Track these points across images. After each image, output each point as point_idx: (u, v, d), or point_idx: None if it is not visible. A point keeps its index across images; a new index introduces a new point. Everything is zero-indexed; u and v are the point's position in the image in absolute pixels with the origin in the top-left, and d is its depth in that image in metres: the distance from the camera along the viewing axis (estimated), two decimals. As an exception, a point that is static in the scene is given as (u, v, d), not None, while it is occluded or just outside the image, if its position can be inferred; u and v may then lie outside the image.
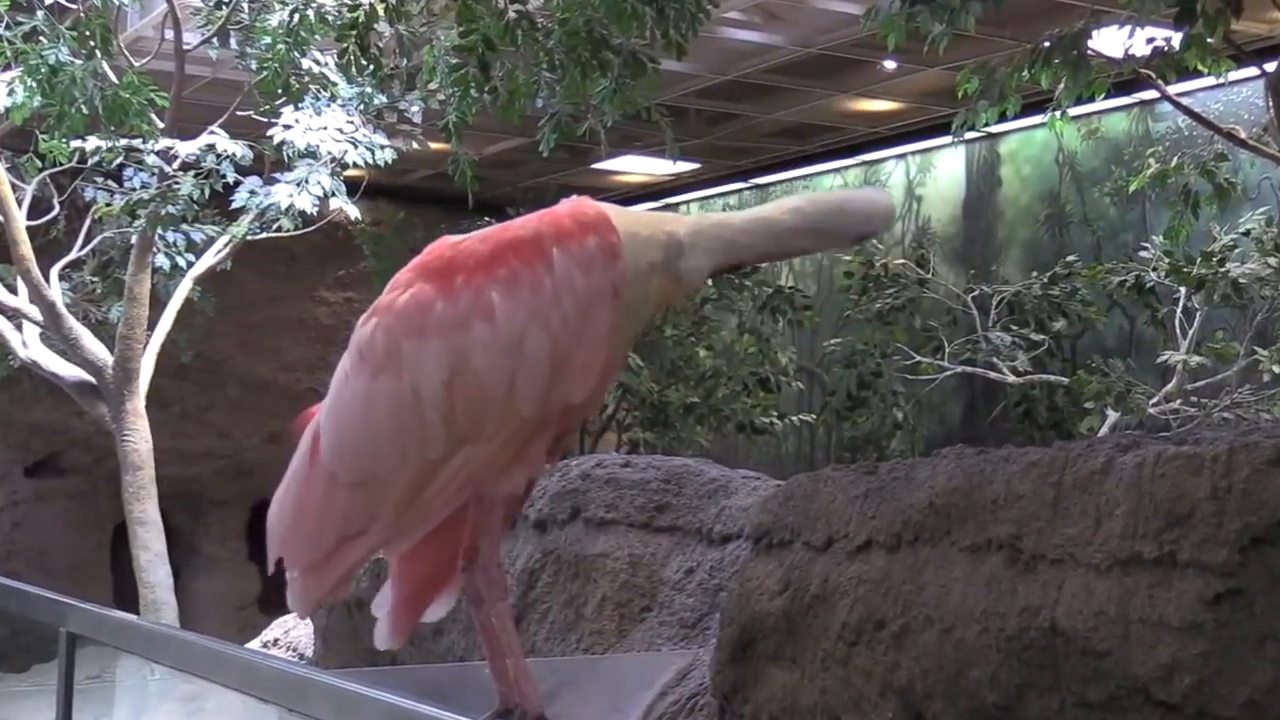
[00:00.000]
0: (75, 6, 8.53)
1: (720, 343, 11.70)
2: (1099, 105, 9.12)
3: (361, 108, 8.88)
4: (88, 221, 10.50)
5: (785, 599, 3.65)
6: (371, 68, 7.03)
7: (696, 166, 13.93)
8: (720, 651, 3.88)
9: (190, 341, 11.71)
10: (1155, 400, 7.97)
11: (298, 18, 8.10)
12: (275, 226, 9.32)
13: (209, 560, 15.02)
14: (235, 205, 8.98)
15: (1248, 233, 7.99)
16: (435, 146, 10.22)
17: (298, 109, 8.71)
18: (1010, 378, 8.75)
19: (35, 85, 8.01)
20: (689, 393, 11.23)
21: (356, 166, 8.96)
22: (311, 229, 9.78)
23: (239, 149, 8.72)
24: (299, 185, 8.70)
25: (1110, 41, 6.35)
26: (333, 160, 8.75)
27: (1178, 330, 8.22)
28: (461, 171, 7.72)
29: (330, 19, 8.01)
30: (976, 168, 12.30)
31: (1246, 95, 9.61)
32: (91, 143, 8.48)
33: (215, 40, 8.70)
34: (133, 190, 9.04)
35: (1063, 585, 2.97)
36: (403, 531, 1.98)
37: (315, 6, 8.10)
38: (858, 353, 9.36)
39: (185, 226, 9.42)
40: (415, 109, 9.03)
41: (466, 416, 1.90)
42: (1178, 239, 7.72)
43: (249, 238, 9.50)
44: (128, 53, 8.83)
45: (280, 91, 8.63)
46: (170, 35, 8.97)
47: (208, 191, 8.92)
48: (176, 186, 8.72)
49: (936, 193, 12.69)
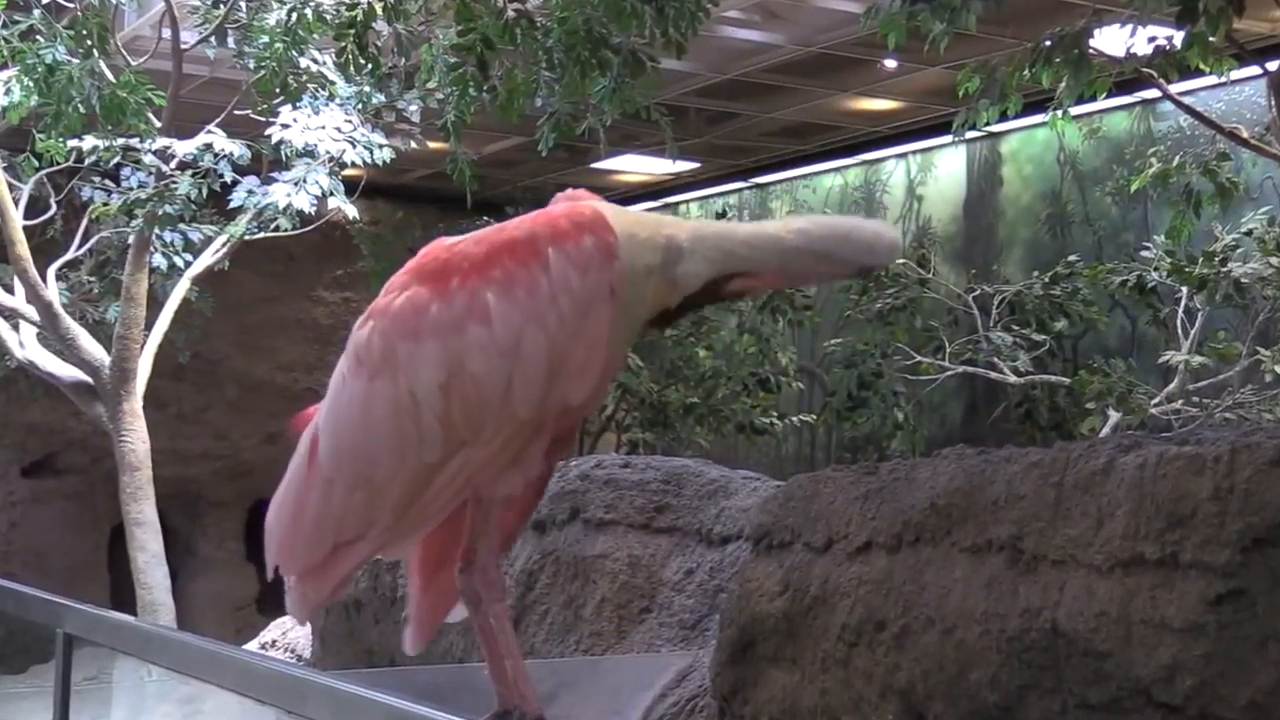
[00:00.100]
0: (72, 5, 8.50)
1: (720, 343, 11.69)
2: (1100, 104, 9.10)
3: (360, 107, 8.87)
4: (85, 221, 10.47)
5: (785, 600, 3.65)
6: (370, 67, 7.02)
7: (696, 166, 13.91)
8: (720, 653, 3.87)
9: (188, 342, 11.69)
10: (1157, 401, 7.96)
11: (296, 16, 8.09)
12: (273, 226, 9.30)
13: (206, 561, 14.99)
14: (233, 205, 8.96)
15: (1250, 232, 7.98)
16: (434, 146, 10.20)
17: (295, 108, 8.69)
18: (1011, 378, 8.74)
19: (32, 84, 7.99)
20: (689, 393, 11.22)
21: (354, 166, 8.95)
22: (309, 228, 9.77)
23: (237, 148, 8.71)
24: (297, 185, 8.69)
25: (1112, 40, 6.34)
26: (331, 159, 8.74)
27: (1179, 330, 8.21)
28: (460, 171, 7.71)
29: (328, 18, 7.99)
30: (977, 167, 12.28)
31: (1249, 94, 9.60)
32: (89, 142, 8.47)
33: (213, 39, 8.67)
34: (130, 190, 9.02)
35: (1064, 586, 2.98)
36: (401, 535, 1.97)
37: (313, 5, 8.09)
38: (858, 353, 9.35)
39: (183, 226, 9.40)
40: (413, 108, 9.02)
41: (464, 419, 1.89)
42: (1179, 239, 7.70)
43: (247, 237, 9.48)
44: (125, 52, 8.80)
45: (278, 90, 8.63)
46: (168, 34, 8.95)
47: (205, 191, 8.91)
48: (174, 186, 8.71)
49: (937, 192, 12.67)
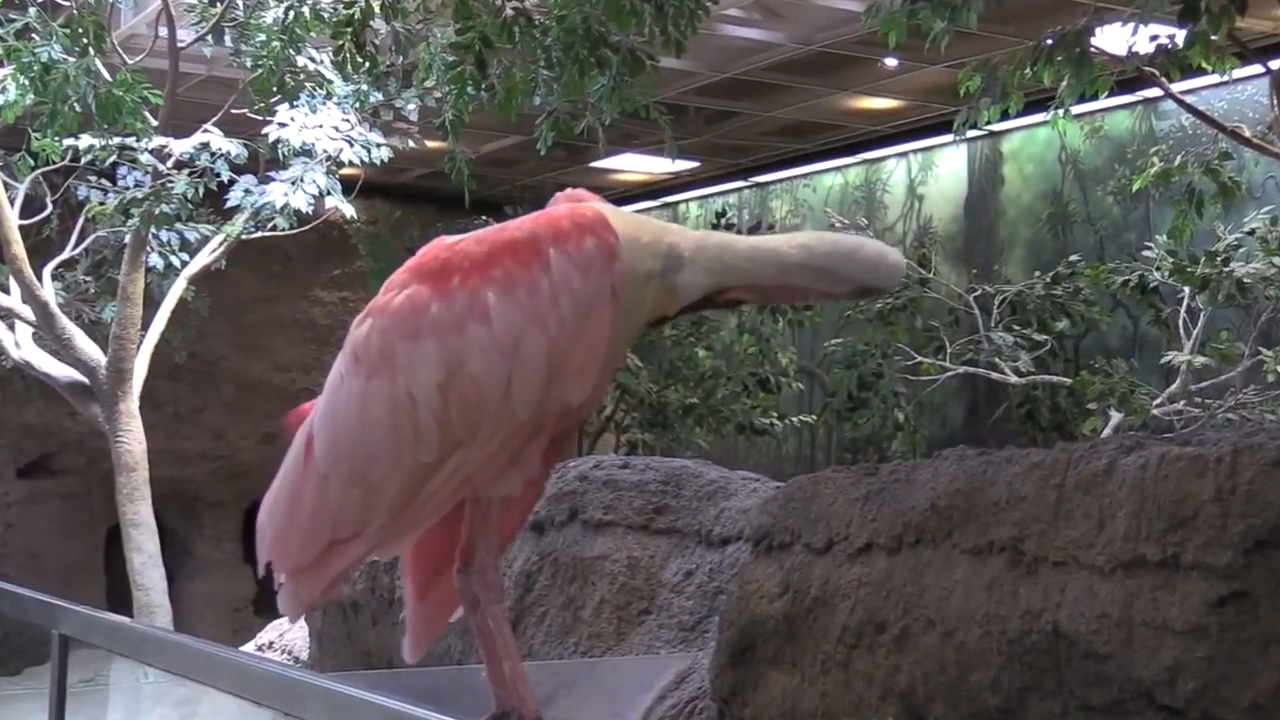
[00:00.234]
0: (68, 3, 8.48)
1: (720, 343, 11.68)
2: (1102, 103, 9.08)
3: (357, 105, 8.85)
4: (81, 220, 10.44)
5: (785, 602, 3.64)
6: (367, 65, 7.00)
7: (696, 165, 13.90)
8: (719, 655, 3.86)
9: (184, 342, 11.65)
10: (1159, 401, 7.94)
11: (293, 14, 8.07)
12: (270, 225, 9.27)
13: (203, 562, 14.97)
14: (230, 204, 8.94)
15: (1252, 232, 7.96)
16: (432, 145, 10.18)
17: (293, 107, 8.67)
18: (1012, 378, 8.71)
19: (28, 83, 7.97)
20: (688, 393, 11.20)
21: (352, 165, 8.93)
22: (307, 228, 9.74)
23: (234, 147, 8.69)
24: (294, 184, 8.67)
25: (1113, 39, 6.32)
26: (328, 158, 8.72)
27: (1181, 331, 8.19)
28: (458, 170, 7.69)
29: (326, 16, 7.97)
30: (978, 166, 12.26)
31: (1251, 93, 9.58)
32: (85, 141, 8.44)
33: (210, 37, 8.65)
34: (126, 189, 9.00)
35: (1065, 588, 2.97)
36: (396, 534, 1.96)
37: (310, 3, 8.07)
38: (858, 353, 9.33)
39: (179, 225, 9.38)
40: (411, 107, 9.00)
41: (461, 419, 1.89)
42: (1181, 238, 7.67)
43: (244, 237, 9.45)
44: (121, 50, 8.78)
45: (275, 89, 8.61)
46: (164, 32, 8.92)
47: (202, 190, 8.89)
48: (170, 185, 8.70)
49: (938, 191, 12.65)
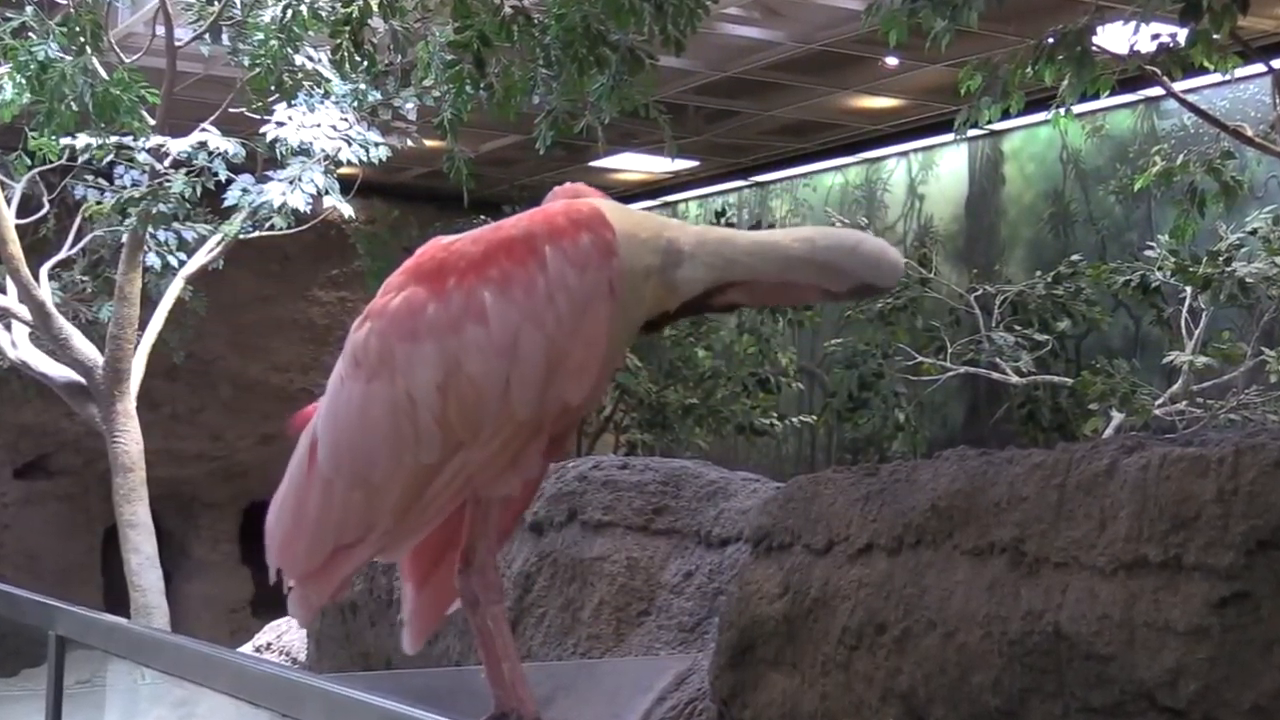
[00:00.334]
0: (65, 2, 8.47)
1: (719, 343, 11.67)
2: (1103, 102, 9.06)
3: (355, 104, 8.84)
4: (78, 220, 10.42)
5: (785, 603, 3.63)
6: (365, 64, 6.99)
7: (695, 164, 13.90)
8: (719, 656, 3.85)
9: (182, 342, 11.64)
10: (1161, 401, 7.92)
11: (291, 13, 8.06)
12: (268, 225, 9.27)
13: (201, 563, 14.96)
14: (227, 203, 8.94)
15: (1254, 231, 7.94)
16: (430, 144, 10.17)
17: (291, 106, 8.67)
18: (1014, 379, 8.70)
19: (24, 81, 7.97)
20: (688, 394, 11.19)
21: (350, 164, 8.92)
22: (305, 227, 9.73)
23: (231, 146, 8.68)
24: (292, 183, 8.66)
25: (1115, 38, 6.31)
26: (326, 158, 8.71)
27: (1183, 330, 8.17)
28: (457, 169, 7.69)
29: (324, 15, 7.97)
30: (979, 166, 12.25)
31: (1253, 92, 9.57)
32: (82, 140, 8.44)
33: (207, 36, 8.65)
34: (123, 188, 9.00)
35: (1066, 589, 2.97)
36: (401, 537, 1.97)
37: (308, 2, 8.06)
38: (859, 353, 9.31)
39: (177, 225, 9.38)
40: (410, 106, 8.98)
41: (461, 420, 1.88)
42: (1183, 238, 7.66)
43: (241, 236, 9.45)
44: (118, 49, 8.77)
45: (273, 88, 8.60)
46: (161, 31, 8.92)
47: (199, 189, 8.89)
48: (168, 184, 8.69)
49: (939, 191, 12.64)
